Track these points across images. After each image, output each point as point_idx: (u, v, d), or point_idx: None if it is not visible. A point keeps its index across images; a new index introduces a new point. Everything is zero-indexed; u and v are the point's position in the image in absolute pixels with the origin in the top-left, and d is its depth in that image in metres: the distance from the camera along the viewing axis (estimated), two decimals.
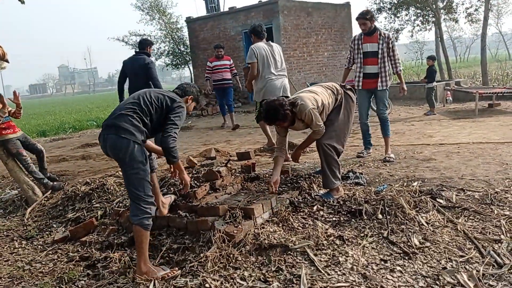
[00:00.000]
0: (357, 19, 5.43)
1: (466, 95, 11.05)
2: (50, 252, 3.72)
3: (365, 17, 5.35)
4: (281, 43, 14.08)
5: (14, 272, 3.39)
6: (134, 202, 2.96)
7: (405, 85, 5.66)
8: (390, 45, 5.38)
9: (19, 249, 3.91)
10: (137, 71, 6.23)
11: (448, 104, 11.07)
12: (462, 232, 3.21)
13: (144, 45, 6.49)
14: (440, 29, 16.70)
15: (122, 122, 2.95)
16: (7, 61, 4.92)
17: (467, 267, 2.77)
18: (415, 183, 4.18)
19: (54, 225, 4.37)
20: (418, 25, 17.12)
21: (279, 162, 4.04)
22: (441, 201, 3.73)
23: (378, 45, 5.39)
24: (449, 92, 11.27)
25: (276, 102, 3.71)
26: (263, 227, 3.31)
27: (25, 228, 4.45)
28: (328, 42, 15.54)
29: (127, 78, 6.44)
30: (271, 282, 2.71)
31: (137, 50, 6.55)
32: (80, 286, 2.95)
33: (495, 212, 3.48)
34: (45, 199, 5.13)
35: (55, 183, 5.51)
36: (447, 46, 19.71)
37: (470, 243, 3.07)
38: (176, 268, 2.96)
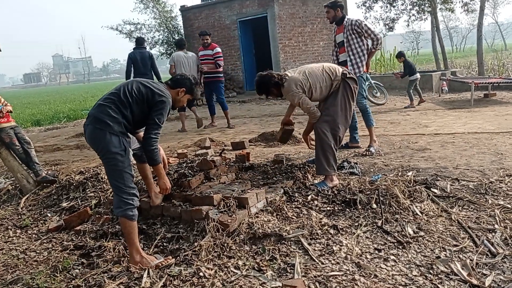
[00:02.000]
0: (324, 7, 5.53)
1: (461, 85, 11.05)
2: (45, 241, 3.71)
3: (328, 5, 5.39)
4: (276, 32, 14.01)
5: (8, 260, 3.38)
6: (116, 194, 2.93)
7: (369, 64, 5.54)
8: (358, 30, 5.25)
9: (14, 238, 3.90)
10: (146, 61, 8.49)
11: (443, 94, 11.08)
12: (456, 221, 3.22)
13: (143, 42, 8.95)
14: (436, 19, 16.65)
15: (99, 113, 2.91)
16: None
17: (461, 256, 2.78)
18: (409, 173, 4.19)
19: (49, 214, 4.35)
20: (414, 14, 17.04)
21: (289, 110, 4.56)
22: (435, 190, 3.73)
23: (343, 35, 5.38)
24: (444, 82, 11.27)
25: (265, 76, 4.09)
26: (257, 217, 3.31)
27: (19, 217, 4.43)
28: (323, 32, 15.45)
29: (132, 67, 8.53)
30: (265, 271, 2.71)
31: (136, 45, 8.71)
32: (74, 275, 2.94)
33: (490, 201, 3.49)
34: (39, 188, 5.11)
35: (49, 172, 5.47)
36: (443, 36, 19.67)
37: (464, 232, 3.08)
38: (170, 257, 2.95)
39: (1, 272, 3.19)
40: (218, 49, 8.41)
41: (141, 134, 3.21)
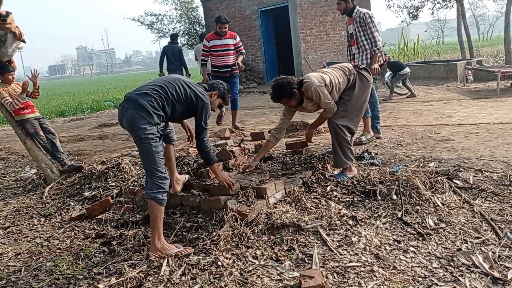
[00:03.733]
0: None
1: (487, 74, 10.77)
2: (68, 229, 3.80)
3: None
4: (297, 21, 13.87)
5: (33, 248, 3.47)
6: (149, 177, 3.03)
7: (375, 65, 5.24)
8: (363, 23, 5.20)
9: (38, 226, 3.99)
10: (175, 54, 10.24)
11: (468, 83, 10.81)
12: (479, 213, 3.15)
13: (175, 38, 10.92)
14: (462, 6, 16.19)
15: (143, 101, 3.01)
16: (23, 41, 4.96)
17: (483, 248, 2.73)
18: (431, 164, 4.11)
19: (72, 203, 4.45)
20: (439, 2, 16.64)
21: (267, 147, 4.10)
22: (457, 182, 3.66)
23: (353, 26, 5.31)
24: (470, 72, 10.99)
25: (284, 79, 3.79)
26: (275, 207, 3.31)
27: (43, 205, 4.54)
28: (345, 21, 15.24)
29: (165, 59, 10.22)
30: (283, 261, 2.72)
31: (170, 40, 10.70)
32: (96, 262, 3.01)
33: None
34: (63, 178, 5.22)
35: (72, 162, 5.58)
36: (470, 24, 19.14)
37: (486, 224, 3.02)
38: (190, 247, 2.99)
39: (26, 259, 3.29)
40: (238, 38, 7.36)
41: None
